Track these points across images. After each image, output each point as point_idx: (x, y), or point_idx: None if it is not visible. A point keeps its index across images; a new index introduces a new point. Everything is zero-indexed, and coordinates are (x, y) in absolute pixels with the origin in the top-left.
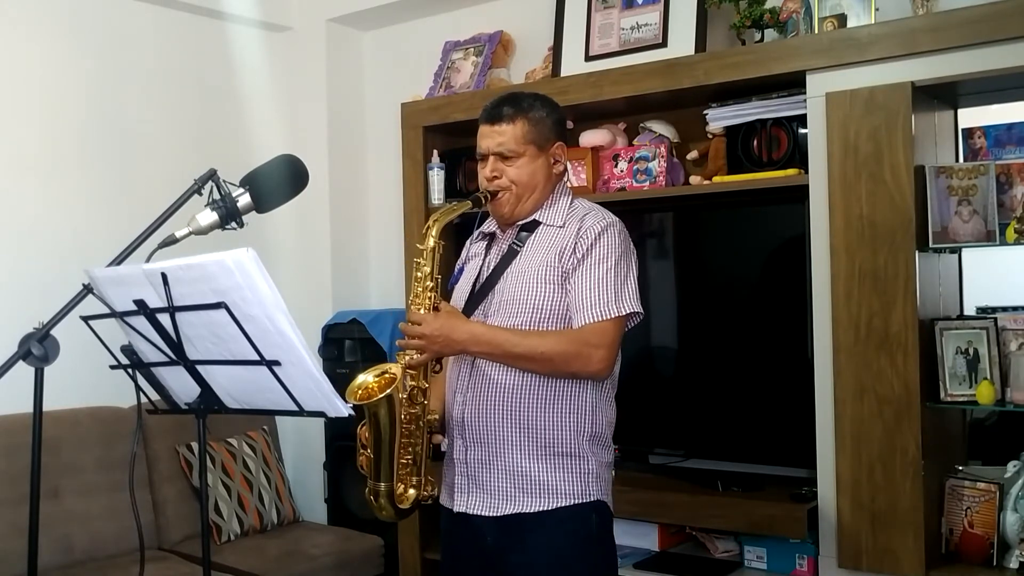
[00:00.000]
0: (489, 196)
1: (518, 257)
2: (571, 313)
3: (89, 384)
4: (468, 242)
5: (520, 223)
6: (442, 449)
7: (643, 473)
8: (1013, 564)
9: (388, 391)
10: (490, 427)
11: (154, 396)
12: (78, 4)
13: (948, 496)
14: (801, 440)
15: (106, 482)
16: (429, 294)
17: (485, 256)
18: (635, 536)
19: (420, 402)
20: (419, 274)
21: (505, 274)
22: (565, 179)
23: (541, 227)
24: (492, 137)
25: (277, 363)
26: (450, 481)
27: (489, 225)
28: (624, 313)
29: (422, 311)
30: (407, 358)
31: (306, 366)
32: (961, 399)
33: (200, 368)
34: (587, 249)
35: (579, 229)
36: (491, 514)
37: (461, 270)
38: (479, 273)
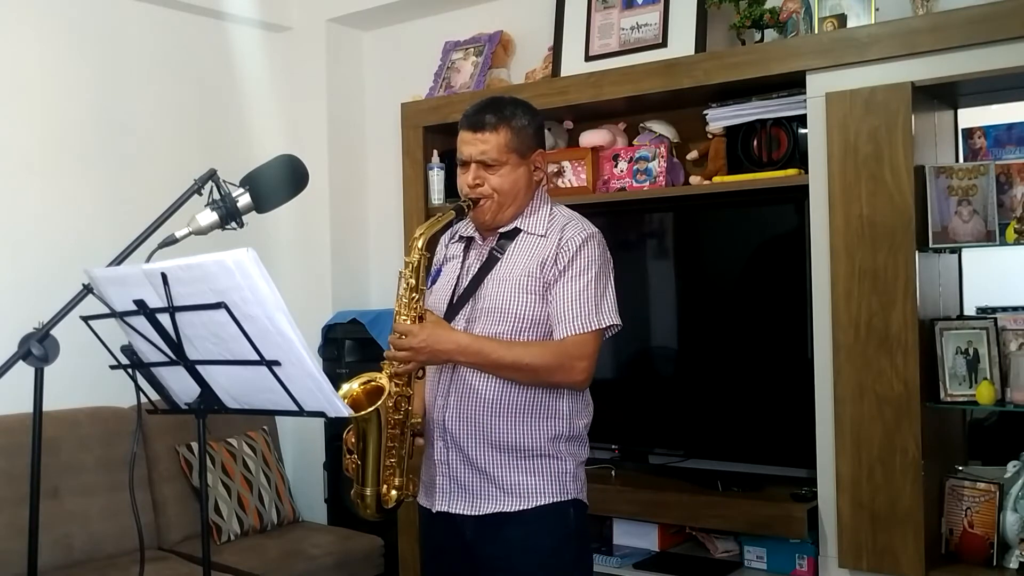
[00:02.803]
0: (471, 204)
1: (499, 264)
2: (552, 324)
3: (89, 384)
4: (443, 242)
5: (501, 230)
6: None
7: (643, 473)
8: (1013, 564)
9: (377, 405)
10: (470, 432)
11: (154, 396)
12: (78, 4)
13: (948, 496)
14: (801, 440)
15: (106, 482)
16: (415, 305)
17: (464, 260)
18: (635, 536)
19: (404, 408)
20: (404, 285)
21: (486, 281)
22: (544, 186)
23: (522, 235)
24: (475, 145)
25: (277, 363)
26: (429, 480)
27: (467, 228)
28: (604, 325)
29: (408, 322)
30: (394, 367)
31: (306, 366)
32: (961, 399)
33: (200, 368)
34: (568, 261)
35: (560, 239)
36: (471, 513)
37: (439, 271)
38: (459, 278)
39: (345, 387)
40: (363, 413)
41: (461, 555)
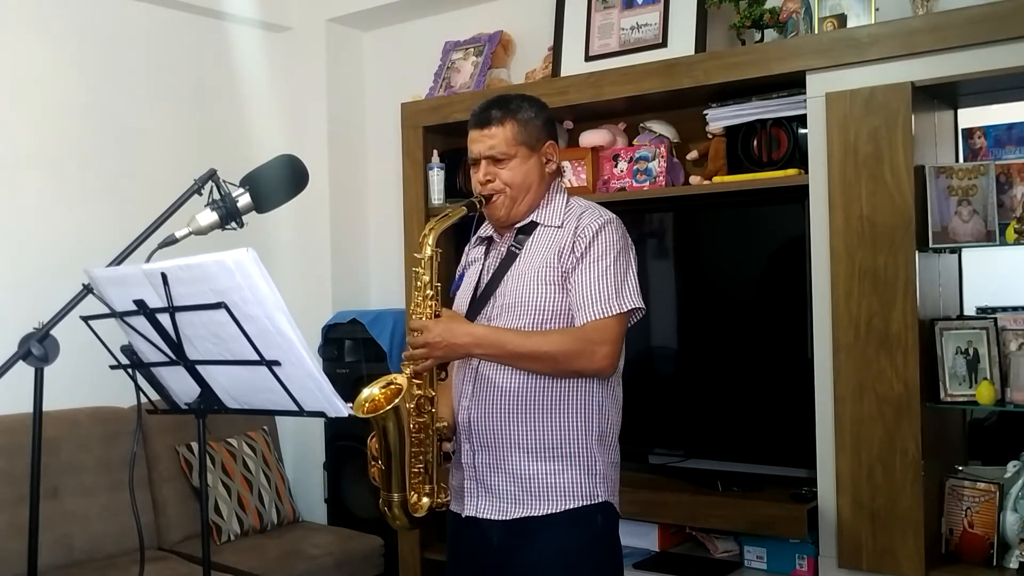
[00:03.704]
0: (484, 200)
1: (518, 259)
2: (573, 311)
3: (89, 384)
4: (467, 248)
5: (518, 225)
6: (451, 453)
7: (643, 473)
8: (1013, 564)
9: (394, 403)
10: (496, 432)
11: (154, 396)
12: (78, 4)
13: (948, 496)
14: (801, 440)
15: (106, 482)
16: (430, 303)
17: (484, 260)
18: (635, 536)
19: (428, 411)
20: (418, 283)
21: (506, 277)
22: (559, 177)
23: (539, 228)
24: (483, 141)
25: (277, 363)
26: (458, 485)
27: (486, 229)
28: (626, 309)
29: (423, 320)
30: (412, 367)
31: (306, 366)
32: (961, 399)
33: (200, 368)
34: (586, 247)
35: (576, 228)
36: (499, 518)
37: (462, 276)
38: (479, 278)
39: (366, 392)
40: (380, 412)
41: (488, 561)
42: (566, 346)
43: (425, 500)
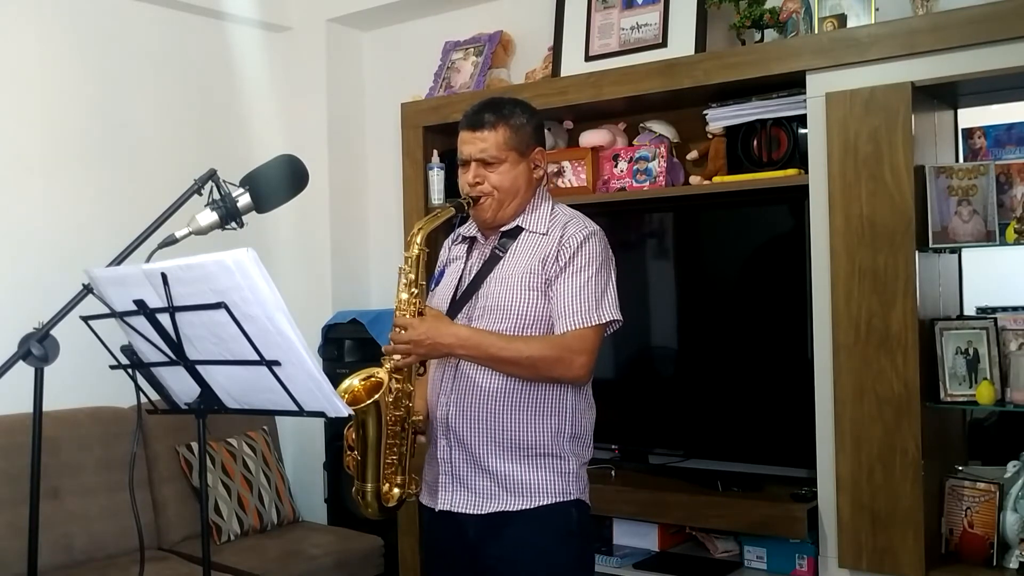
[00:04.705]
0: (471, 201)
1: (501, 263)
2: (553, 319)
3: (89, 384)
4: (447, 243)
5: (503, 229)
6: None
7: (643, 473)
8: (1013, 564)
9: (375, 397)
10: (473, 429)
11: (154, 396)
12: (78, 4)
13: (948, 496)
14: (801, 440)
15: (106, 482)
16: (415, 300)
17: (467, 260)
18: (635, 536)
19: (405, 405)
20: (404, 281)
21: (488, 279)
22: (545, 184)
23: (524, 233)
24: (474, 143)
25: (277, 363)
26: (432, 479)
27: (469, 228)
28: (605, 321)
29: (407, 317)
30: (393, 362)
31: (306, 366)
32: (961, 399)
33: (200, 368)
34: (569, 257)
35: (561, 237)
36: (475, 512)
37: (442, 272)
38: (461, 277)
39: (345, 383)
40: (361, 406)
41: (464, 554)
42: (546, 353)
43: (396, 490)
